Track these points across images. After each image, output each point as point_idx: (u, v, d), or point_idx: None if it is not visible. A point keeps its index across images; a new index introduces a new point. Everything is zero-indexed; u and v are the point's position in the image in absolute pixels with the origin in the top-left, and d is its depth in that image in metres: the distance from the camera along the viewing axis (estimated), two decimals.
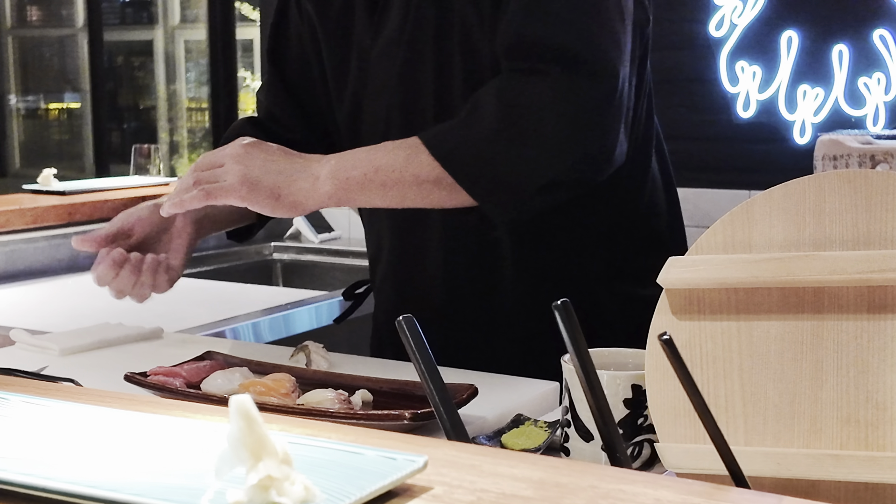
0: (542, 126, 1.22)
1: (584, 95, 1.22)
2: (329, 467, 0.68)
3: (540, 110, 1.22)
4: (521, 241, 1.42)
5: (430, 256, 1.46)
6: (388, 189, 1.26)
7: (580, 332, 0.83)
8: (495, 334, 1.46)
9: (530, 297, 1.43)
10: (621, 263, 1.45)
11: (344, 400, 1.14)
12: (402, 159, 1.25)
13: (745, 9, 3.16)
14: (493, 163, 1.24)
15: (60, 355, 1.45)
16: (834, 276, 0.85)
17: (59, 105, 7.34)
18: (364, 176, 1.26)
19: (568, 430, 1.01)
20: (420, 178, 1.25)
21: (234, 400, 0.59)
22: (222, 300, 2.17)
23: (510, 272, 1.43)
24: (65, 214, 2.48)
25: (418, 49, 1.39)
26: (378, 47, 1.43)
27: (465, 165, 1.24)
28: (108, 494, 0.65)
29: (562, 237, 1.42)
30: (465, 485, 0.69)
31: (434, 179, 1.25)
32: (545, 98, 1.22)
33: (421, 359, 0.81)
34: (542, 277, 1.43)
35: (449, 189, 1.25)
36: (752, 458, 0.86)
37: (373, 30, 1.44)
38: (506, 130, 1.23)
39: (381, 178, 1.26)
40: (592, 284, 1.43)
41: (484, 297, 1.45)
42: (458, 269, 1.45)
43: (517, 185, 1.25)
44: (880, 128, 3.00)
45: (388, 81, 1.43)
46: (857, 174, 0.87)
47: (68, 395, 0.94)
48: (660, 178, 1.50)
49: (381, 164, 1.26)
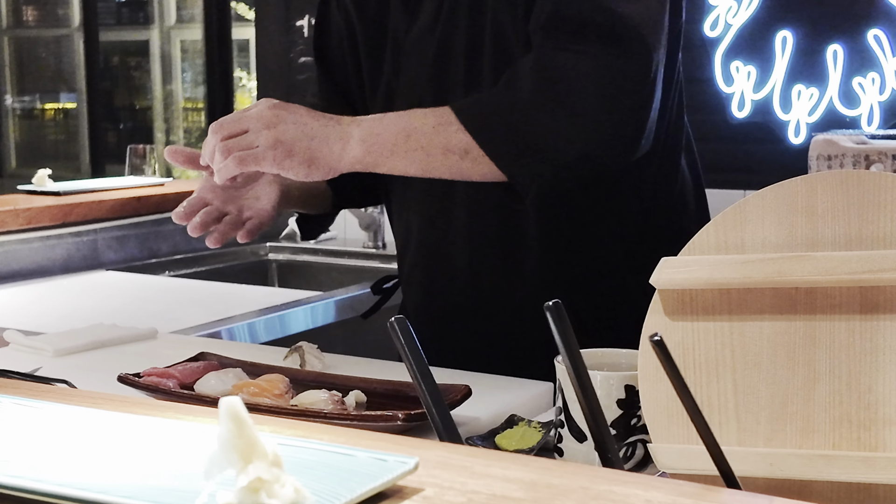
0: (579, 97, 1.23)
1: (619, 72, 1.23)
2: (319, 469, 0.68)
3: (576, 82, 1.23)
4: (548, 233, 1.42)
5: (457, 248, 1.47)
6: (416, 155, 1.27)
7: (572, 332, 0.83)
8: (521, 326, 1.45)
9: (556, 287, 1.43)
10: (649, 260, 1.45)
11: (337, 401, 1.14)
12: (431, 127, 1.26)
13: (739, 9, 3.16)
14: (526, 131, 1.24)
15: (54, 356, 1.45)
16: (826, 276, 0.86)
17: (55, 105, 7.33)
18: (394, 140, 1.26)
19: (561, 431, 1.01)
20: (448, 148, 1.26)
21: (223, 402, 0.59)
22: (218, 300, 2.17)
23: (536, 264, 1.43)
24: (60, 215, 2.47)
25: (450, 43, 1.40)
26: (411, 40, 1.44)
27: (494, 135, 1.25)
28: (99, 497, 0.65)
29: (591, 228, 1.42)
30: (456, 486, 0.69)
31: (461, 150, 1.25)
32: (582, 71, 1.23)
33: (413, 360, 0.81)
34: (568, 267, 1.43)
35: (475, 160, 1.26)
36: (745, 459, 0.86)
37: (406, 22, 1.45)
38: (542, 99, 1.23)
39: (410, 144, 1.26)
40: (619, 276, 1.43)
41: (509, 289, 1.45)
42: (483, 260, 1.46)
43: (548, 155, 1.25)
44: (875, 128, 3.00)
45: (420, 74, 1.44)
46: (849, 174, 0.87)
47: (62, 396, 0.94)
48: (689, 175, 1.51)
49: (410, 130, 1.26)
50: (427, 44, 1.42)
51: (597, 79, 1.23)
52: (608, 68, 1.23)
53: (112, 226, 2.60)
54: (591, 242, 1.44)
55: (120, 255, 2.61)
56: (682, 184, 1.49)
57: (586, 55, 1.23)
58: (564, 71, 1.23)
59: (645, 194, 1.44)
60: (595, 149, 1.25)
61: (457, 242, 1.47)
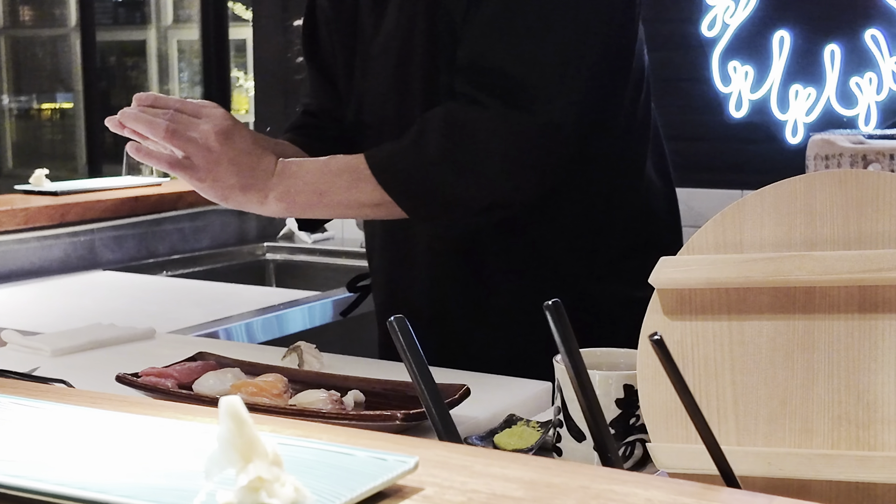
0: (481, 157, 1.30)
1: (521, 129, 1.30)
2: (319, 468, 0.68)
3: (479, 142, 1.30)
4: (507, 239, 1.44)
5: (418, 252, 1.49)
6: (332, 209, 1.36)
7: (571, 332, 0.83)
8: (484, 334, 1.46)
9: (519, 295, 1.44)
10: (615, 264, 1.46)
11: (336, 400, 1.14)
12: (346, 185, 1.34)
13: (737, 9, 3.16)
14: (434, 187, 1.32)
15: (52, 356, 1.45)
16: (825, 275, 0.86)
17: (52, 105, 7.32)
18: (308, 200, 1.34)
19: (560, 431, 1.01)
20: (361, 203, 1.34)
21: (223, 401, 0.59)
22: (215, 300, 2.17)
23: (497, 270, 1.44)
24: (57, 215, 2.47)
25: (409, 48, 1.41)
26: (377, 44, 1.45)
27: (407, 189, 1.32)
28: (98, 496, 0.65)
29: (549, 236, 1.43)
30: (455, 485, 0.69)
31: (374, 203, 1.34)
32: (485, 131, 1.30)
33: (412, 359, 0.81)
34: (529, 275, 1.44)
35: (388, 210, 1.34)
36: (744, 458, 0.86)
37: (373, 25, 1.46)
38: (447, 157, 1.31)
39: (324, 200, 1.34)
40: (584, 284, 1.44)
41: (471, 295, 1.46)
42: (444, 266, 1.48)
43: (456, 209, 1.33)
44: (872, 127, 3.00)
45: (383, 79, 1.45)
46: (847, 174, 0.87)
47: (60, 396, 0.94)
48: (659, 182, 1.51)
49: (325, 189, 1.34)
50: (390, 49, 1.44)
51: (499, 135, 1.30)
52: (512, 125, 1.30)
53: (109, 226, 2.60)
54: (550, 252, 1.45)
55: (117, 255, 2.61)
56: (649, 190, 1.50)
57: (491, 111, 1.30)
58: (469, 128, 1.30)
59: (606, 203, 1.45)
60: (500, 199, 1.33)
61: (418, 249, 1.49)
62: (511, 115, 1.30)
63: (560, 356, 0.89)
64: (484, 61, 1.32)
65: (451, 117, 1.32)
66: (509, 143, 1.30)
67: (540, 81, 1.30)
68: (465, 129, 1.31)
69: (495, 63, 1.31)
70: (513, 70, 1.30)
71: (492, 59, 1.32)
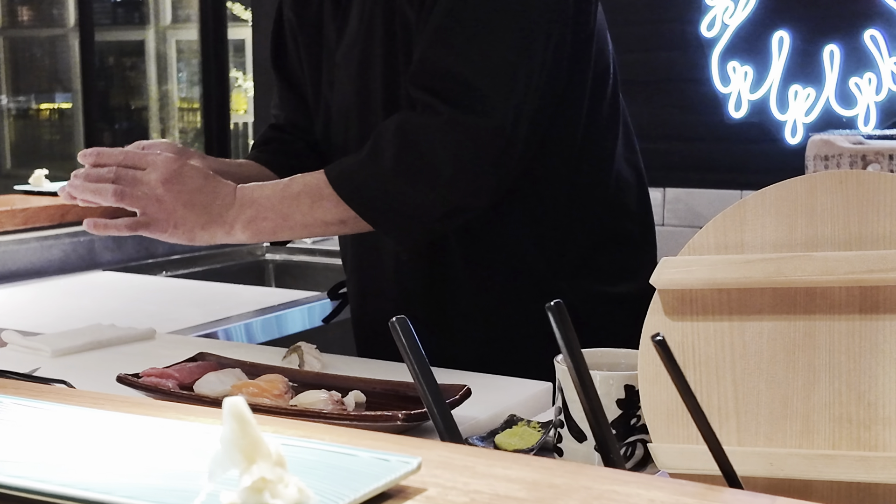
0: (435, 165, 1.31)
1: (472, 133, 1.31)
2: (322, 469, 0.68)
3: (432, 150, 1.31)
4: (469, 237, 1.45)
5: (384, 256, 1.50)
6: (298, 231, 1.37)
7: (573, 332, 0.83)
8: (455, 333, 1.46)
9: (486, 294, 1.44)
10: (584, 261, 1.46)
11: (337, 401, 1.14)
12: (307, 207, 1.35)
13: (736, 9, 3.17)
14: (393, 199, 1.33)
15: (53, 357, 1.45)
16: (826, 276, 0.86)
17: (51, 105, 7.31)
18: (274, 225, 1.36)
19: (561, 431, 1.01)
20: (326, 222, 1.35)
21: (227, 402, 0.59)
22: (215, 301, 2.17)
23: (461, 270, 1.45)
24: (56, 215, 2.47)
25: (369, 55, 1.42)
26: (341, 50, 1.47)
27: (368, 203, 1.33)
28: (100, 497, 0.65)
29: (513, 233, 1.44)
30: (458, 486, 0.69)
31: (338, 221, 1.35)
32: (436, 138, 1.31)
33: (414, 360, 0.81)
34: (495, 274, 1.44)
35: (353, 225, 1.35)
36: (745, 459, 0.86)
37: (336, 32, 1.47)
38: (402, 169, 1.32)
39: (289, 224, 1.36)
40: (554, 281, 1.44)
41: (437, 295, 1.47)
42: (408, 267, 1.48)
43: (416, 218, 1.34)
44: (871, 128, 3.00)
45: (347, 87, 1.47)
46: (848, 174, 0.87)
47: (61, 396, 0.94)
48: (632, 177, 1.51)
49: (288, 213, 1.35)
50: (352, 57, 1.45)
51: (451, 142, 1.30)
52: (461, 130, 1.30)
53: None
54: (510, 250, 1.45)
55: (117, 256, 2.61)
56: (619, 186, 1.49)
57: (443, 116, 1.30)
58: (421, 137, 1.31)
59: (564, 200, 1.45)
60: (458, 203, 1.34)
61: (384, 254, 1.51)
62: (462, 119, 1.30)
63: (561, 356, 0.89)
64: (434, 65, 1.33)
65: (403, 126, 1.33)
66: (461, 148, 1.30)
67: (489, 84, 1.30)
68: (416, 137, 1.31)
69: (445, 67, 1.32)
70: (462, 73, 1.31)
71: (441, 63, 1.32)
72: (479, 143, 1.31)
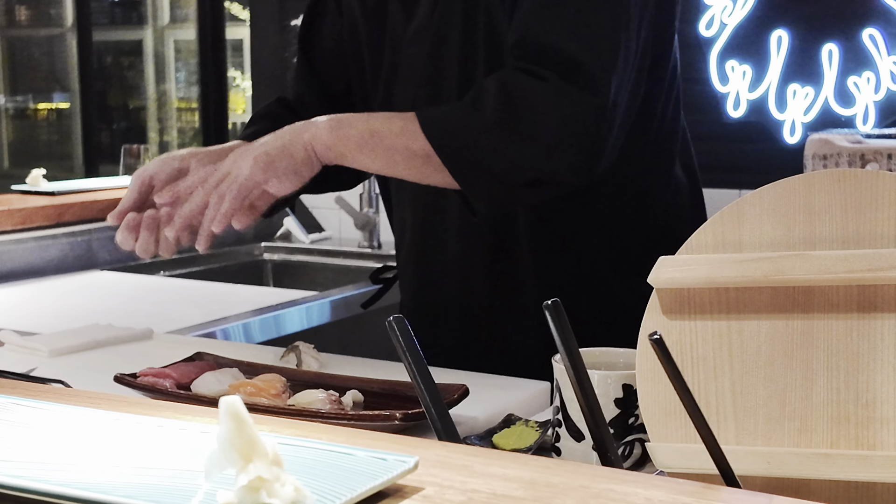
0: (537, 128, 1.25)
1: (578, 105, 1.25)
2: (319, 468, 0.68)
3: (536, 112, 1.25)
4: (537, 236, 1.44)
5: (449, 242, 1.48)
6: (380, 152, 1.29)
7: (571, 331, 0.83)
8: (512, 326, 1.46)
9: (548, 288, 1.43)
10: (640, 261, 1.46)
11: (335, 400, 1.14)
12: (398, 129, 1.28)
13: (734, 8, 3.17)
14: (483, 153, 1.27)
15: (50, 356, 1.45)
16: (824, 275, 0.86)
17: (48, 105, 7.31)
18: (360, 136, 1.29)
19: (559, 430, 1.01)
20: (411, 150, 1.28)
21: (223, 401, 0.59)
22: (213, 300, 2.16)
23: (527, 266, 1.44)
24: (54, 215, 2.47)
25: (445, 37, 1.41)
26: (409, 34, 1.45)
27: (454, 151, 1.27)
28: (97, 496, 0.65)
29: (582, 230, 1.43)
30: (455, 485, 0.69)
31: (424, 155, 1.28)
32: (543, 102, 1.25)
33: (411, 359, 0.81)
34: (560, 271, 1.44)
35: (436, 167, 1.28)
36: (743, 458, 0.86)
37: (405, 16, 1.46)
38: (501, 125, 1.26)
39: (375, 140, 1.29)
40: (610, 280, 1.44)
41: (501, 286, 1.46)
42: (474, 257, 1.47)
43: (501, 178, 1.27)
44: (870, 127, 3.00)
45: (416, 68, 1.45)
46: (846, 173, 0.87)
47: (58, 396, 0.94)
48: (686, 181, 1.51)
49: (375, 130, 1.29)
50: (423, 40, 1.43)
51: (556, 108, 1.26)
52: (568, 99, 1.26)
53: (106, 226, 2.58)
54: (579, 246, 1.45)
55: (114, 255, 2.61)
56: (677, 189, 1.50)
57: (549, 83, 1.25)
58: (526, 97, 1.26)
59: (633, 201, 1.45)
60: (548, 175, 1.28)
61: (449, 241, 1.48)
62: (569, 90, 1.25)
63: (559, 356, 0.89)
64: (539, 39, 1.28)
65: (510, 84, 1.27)
66: (566, 117, 1.25)
67: (596, 63, 1.26)
68: (523, 96, 1.26)
69: (551, 41, 1.27)
70: (569, 49, 1.26)
71: (547, 37, 1.28)
72: (584, 116, 1.26)
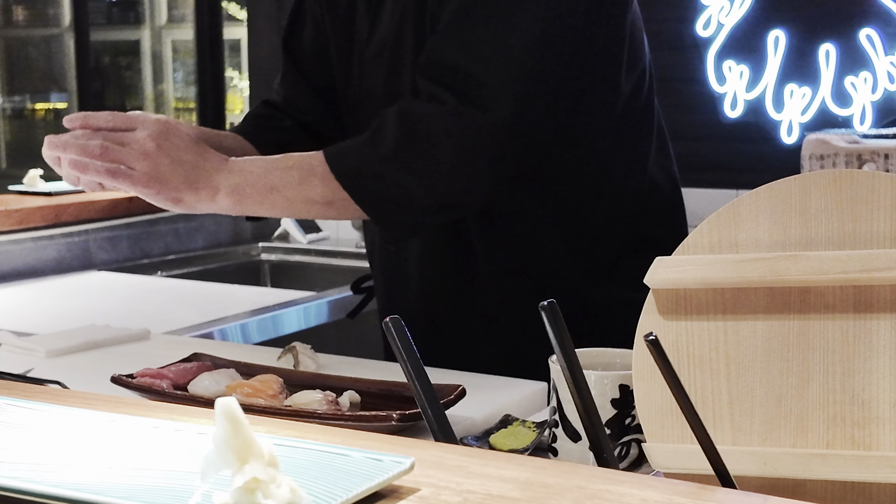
0: (434, 154, 1.29)
1: (473, 127, 1.29)
2: (315, 469, 0.68)
3: (432, 139, 1.29)
4: (492, 242, 1.44)
5: (409, 256, 1.49)
6: (283, 207, 1.34)
7: (567, 332, 0.83)
8: (478, 335, 1.46)
9: (511, 297, 1.44)
10: (614, 265, 1.45)
11: (331, 401, 1.14)
12: (296, 181, 1.32)
13: (732, 8, 3.17)
14: (386, 185, 1.31)
15: (47, 357, 1.45)
16: (820, 275, 0.86)
17: (46, 105, 7.30)
18: (260, 196, 1.33)
19: (556, 431, 1.01)
20: (312, 199, 1.33)
21: (219, 402, 0.59)
22: (210, 301, 2.16)
23: (485, 272, 1.44)
24: (51, 215, 2.46)
25: (401, 51, 1.41)
26: (372, 47, 1.45)
27: (361, 185, 1.31)
28: (92, 497, 0.65)
29: (543, 235, 1.42)
30: (451, 486, 0.69)
31: (325, 201, 1.32)
32: (438, 128, 1.29)
33: (408, 359, 0.81)
34: (520, 277, 1.43)
35: (339, 209, 1.33)
36: (740, 458, 0.86)
37: (368, 29, 1.46)
38: (400, 156, 1.30)
39: (274, 197, 1.33)
40: (579, 286, 1.43)
41: (461, 297, 1.46)
42: (433, 269, 1.48)
43: (408, 207, 1.32)
44: (867, 127, 3.01)
45: (377, 82, 1.45)
46: (842, 174, 0.87)
47: (54, 397, 0.94)
48: (665, 182, 1.49)
49: (274, 185, 1.32)
50: (384, 52, 1.44)
51: (451, 133, 1.28)
52: (463, 122, 1.29)
53: (104, 226, 2.60)
54: (539, 252, 1.44)
55: (112, 256, 2.61)
56: (651, 191, 1.48)
57: (446, 107, 1.29)
58: (423, 125, 1.29)
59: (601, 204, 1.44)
60: (453, 199, 1.33)
61: (410, 257, 1.50)
62: (465, 111, 1.28)
63: (555, 356, 0.89)
64: (441, 57, 1.31)
65: (407, 113, 1.30)
66: (462, 139, 1.28)
67: (495, 80, 1.29)
68: (418, 124, 1.29)
69: (451, 60, 1.30)
70: (468, 67, 1.29)
71: (448, 55, 1.31)
72: (481, 137, 1.29)
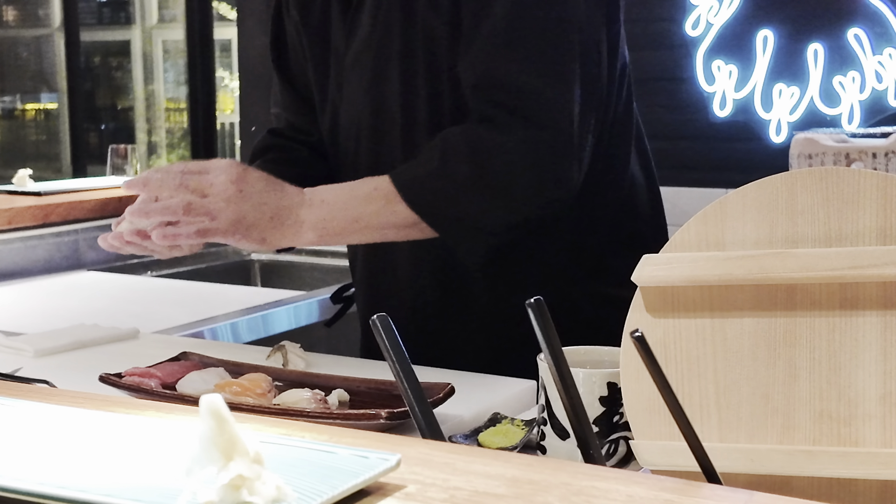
0: (509, 180, 1.31)
1: (544, 149, 1.31)
2: (301, 466, 0.68)
3: (506, 164, 1.30)
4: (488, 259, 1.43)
5: (400, 257, 1.48)
6: (368, 233, 1.36)
7: (554, 330, 0.83)
8: (468, 335, 1.46)
9: (502, 297, 1.44)
10: (597, 264, 1.45)
11: (320, 400, 1.14)
12: (379, 209, 1.33)
13: (720, 8, 3.18)
14: (464, 211, 1.32)
15: (35, 357, 1.45)
16: (806, 273, 0.86)
17: (36, 105, 7.28)
18: (344, 226, 1.34)
19: (544, 429, 1.01)
20: (398, 225, 1.34)
21: (204, 399, 0.59)
22: (200, 300, 2.16)
23: (479, 280, 1.44)
24: (40, 215, 2.46)
25: (385, 57, 1.41)
26: (351, 54, 1.44)
27: (441, 216, 1.33)
28: (80, 496, 0.64)
29: (528, 238, 1.43)
30: (438, 483, 0.69)
31: (410, 223, 1.33)
32: (512, 154, 1.30)
33: (395, 358, 0.81)
34: (510, 277, 1.44)
35: (423, 229, 1.34)
36: (727, 455, 0.86)
37: (345, 34, 1.44)
38: (476, 183, 1.31)
39: (359, 226, 1.34)
40: (565, 285, 1.43)
41: (453, 297, 1.46)
42: (425, 270, 1.47)
43: (488, 230, 1.34)
44: (855, 126, 3.02)
45: (358, 89, 1.44)
46: (829, 172, 0.88)
47: (42, 396, 0.93)
48: (643, 179, 1.50)
49: (359, 215, 1.33)
50: (364, 59, 1.43)
51: (524, 157, 1.30)
52: (534, 145, 1.30)
53: (93, 226, 2.59)
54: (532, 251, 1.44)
55: (101, 256, 2.60)
56: (633, 189, 1.49)
57: (516, 135, 1.30)
58: (497, 156, 1.31)
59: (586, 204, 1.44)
60: (529, 216, 1.35)
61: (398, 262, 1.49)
62: (537, 136, 1.30)
63: (543, 354, 0.89)
64: (496, 77, 1.31)
65: (476, 143, 1.31)
66: (535, 163, 1.30)
67: (559, 95, 1.30)
68: (492, 156, 1.30)
69: (512, 79, 1.31)
70: (532, 84, 1.30)
71: (508, 75, 1.31)
72: (550, 156, 1.31)
